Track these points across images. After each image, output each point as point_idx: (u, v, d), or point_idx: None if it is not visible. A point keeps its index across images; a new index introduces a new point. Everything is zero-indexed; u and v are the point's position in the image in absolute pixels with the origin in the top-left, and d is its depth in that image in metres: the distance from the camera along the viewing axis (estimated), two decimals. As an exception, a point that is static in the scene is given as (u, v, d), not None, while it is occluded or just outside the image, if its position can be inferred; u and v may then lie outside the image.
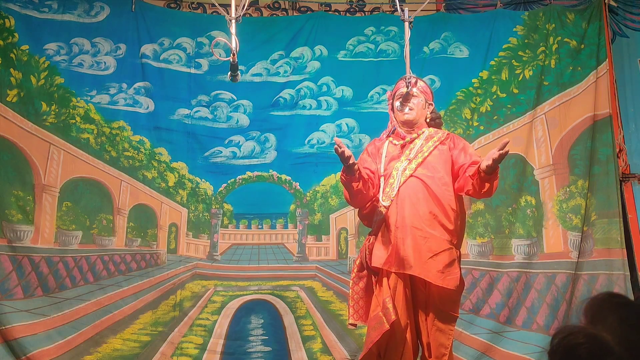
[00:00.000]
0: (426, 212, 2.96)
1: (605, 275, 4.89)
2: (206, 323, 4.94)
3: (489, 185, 2.88)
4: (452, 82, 5.34)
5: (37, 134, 4.92)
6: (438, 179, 3.02)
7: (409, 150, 3.11)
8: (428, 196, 2.99)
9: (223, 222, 5.28)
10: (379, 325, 2.86)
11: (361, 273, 3.12)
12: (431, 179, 3.01)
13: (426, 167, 3.04)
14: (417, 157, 3.06)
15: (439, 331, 2.94)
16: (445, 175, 3.04)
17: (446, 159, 3.07)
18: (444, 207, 2.98)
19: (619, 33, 5.45)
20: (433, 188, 2.99)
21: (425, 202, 2.98)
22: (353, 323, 3.14)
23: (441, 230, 2.96)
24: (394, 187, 3.02)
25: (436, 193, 2.99)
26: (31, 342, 4.49)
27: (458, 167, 3.05)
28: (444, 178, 3.03)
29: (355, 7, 5.61)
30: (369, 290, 3.11)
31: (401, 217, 2.96)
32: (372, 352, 2.92)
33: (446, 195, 3.00)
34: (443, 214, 2.97)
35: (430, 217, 2.96)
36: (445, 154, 3.08)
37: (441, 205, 2.98)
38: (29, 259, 4.71)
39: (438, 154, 3.08)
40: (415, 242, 2.91)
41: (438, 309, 2.95)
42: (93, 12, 5.21)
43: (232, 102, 5.33)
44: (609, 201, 5.01)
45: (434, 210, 2.97)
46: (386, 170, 3.10)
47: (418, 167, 3.04)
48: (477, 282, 4.98)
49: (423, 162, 3.05)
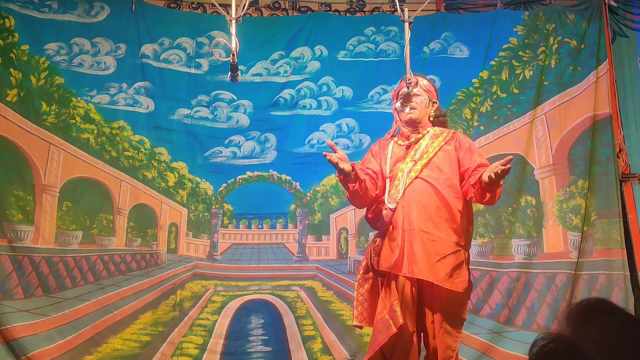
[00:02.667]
0: (433, 214, 2.93)
1: (605, 275, 4.90)
2: (206, 323, 4.94)
3: (490, 195, 2.86)
4: (452, 82, 5.34)
5: (37, 134, 4.92)
6: (444, 180, 2.98)
7: (414, 151, 3.08)
8: (434, 198, 2.95)
9: (223, 222, 5.28)
10: (385, 329, 2.84)
11: (367, 275, 3.09)
12: (437, 181, 2.97)
13: (432, 169, 3.01)
14: (423, 158, 3.03)
15: (447, 333, 2.91)
16: (452, 176, 3.00)
17: (452, 160, 3.04)
18: (451, 209, 2.94)
19: (619, 33, 5.45)
20: (439, 189, 2.96)
21: (431, 204, 2.94)
22: (358, 325, 3.10)
23: (449, 232, 2.92)
24: (400, 189, 2.99)
25: (443, 194, 2.95)
26: (31, 342, 4.49)
27: (464, 169, 3.02)
28: (450, 179, 2.99)
29: (355, 7, 5.61)
30: (374, 292, 3.08)
31: (408, 220, 2.93)
32: (377, 355, 2.90)
33: (452, 197, 2.96)
34: (450, 216, 2.94)
35: (438, 220, 2.92)
36: (451, 154, 3.05)
37: (448, 207, 2.94)
38: (30, 259, 4.71)
39: (443, 154, 3.04)
40: (423, 245, 2.88)
41: (446, 312, 2.92)
42: (93, 12, 5.21)
43: (232, 102, 5.33)
44: (609, 201, 5.01)
45: (441, 212, 2.94)
46: (392, 172, 3.07)
47: (424, 168, 3.00)
48: (477, 282, 4.98)
49: (428, 163, 3.01)
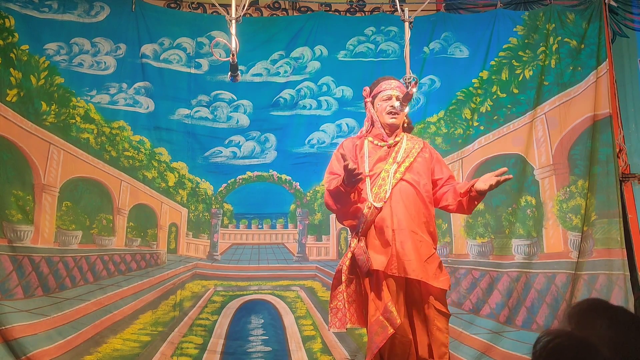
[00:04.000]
0: (419, 216, 3.04)
1: (605, 275, 4.89)
2: (206, 323, 4.94)
3: (477, 204, 3.08)
4: (452, 82, 5.34)
5: (37, 134, 4.92)
6: (423, 185, 3.11)
7: (395, 152, 3.14)
8: (418, 201, 3.06)
9: (223, 222, 5.28)
10: (382, 330, 2.86)
11: (351, 275, 3.09)
12: (418, 185, 3.09)
13: (413, 173, 3.11)
14: (405, 161, 3.12)
15: (439, 330, 2.97)
16: (428, 183, 3.14)
17: (427, 167, 3.18)
18: (429, 214, 3.09)
19: (619, 33, 5.45)
20: (421, 194, 3.08)
21: (416, 207, 3.04)
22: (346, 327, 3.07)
23: (428, 235, 3.06)
24: (386, 189, 3.03)
25: (424, 199, 3.08)
26: (31, 342, 4.49)
27: (437, 178, 3.19)
28: (427, 185, 3.13)
29: (356, 7, 5.61)
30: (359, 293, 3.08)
31: (397, 219, 2.98)
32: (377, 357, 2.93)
33: (428, 202, 3.10)
34: (427, 220, 3.07)
35: (420, 222, 3.04)
36: (427, 162, 3.19)
37: (427, 211, 3.08)
38: (29, 259, 4.71)
39: (422, 161, 3.17)
40: (414, 245, 2.95)
41: (436, 310, 2.99)
42: (93, 12, 5.21)
43: (232, 102, 5.33)
44: (609, 201, 5.01)
45: (422, 216, 3.06)
46: (372, 170, 3.10)
47: (406, 171, 3.10)
48: (477, 282, 4.98)
49: (410, 167, 3.11)
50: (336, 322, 3.06)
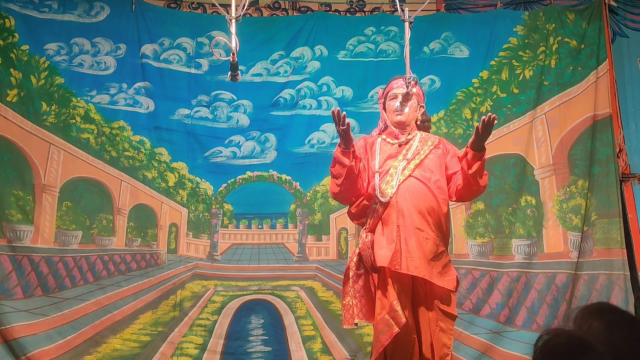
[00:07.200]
0: (426, 213, 2.99)
1: (605, 275, 4.89)
2: (206, 323, 4.93)
3: (478, 166, 2.87)
4: (452, 82, 5.34)
5: (37, 134, 4.92)
6: (434, 181, 3.06)
7: (406, 150, 3.14)
8: (427, 198, 3.02)
9: (223, 222, 5.28)
10: (387, 329, 2.86)
11: (359, 271, 3.10)
12: (429, 181, 3.05)
13: (423, 169, 3.08)
14: (415, 158, 3.09)
15: (442, 331, 2.96)
16: (441, 179, 3.09)
17: (441, 163, 3.13)
18: (440, 211, 3.03)
19: (619, 33, 5.45)
20: (432, 190, 3.04)
21: (424, 204, 3.00)
22: (360, 322, 3.10)
23: (437, 233, 3.01)
24: (393, 185, 3.03)
25: (434, 195, 3.03)
26: (31, 342, 4.49)
27: (451, 172, 3.12)
28: (439, 181, 3.08)
29: (355, 7, 5.61)
30: (367, 288, 3.09)
31: (402, 216, 2.98)
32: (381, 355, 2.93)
33: (441, 199, 3.05)
34: (437, 218, 3.02)
35: (429, 219, 2.99)
36: (440, 158, 3.14)
37: (438, 209, 3.02)
38: (29, 259, 4.71)
39: (434, 157, 3.13)
40: (419, 242, 2.93)
41: (440, 310, 2.97)
42: (93, 12, 5.21)
43: (232, 102, 5.33)
44: (609, 201, 5.01)
45: (432, 213, 3.01)
46: (381, 167, 3.11)
47: (416, 167, 3.07)
48: (477, 282, 4.98)
49: (420, 163, 3.09)
50: (348, 318, 3.08)
